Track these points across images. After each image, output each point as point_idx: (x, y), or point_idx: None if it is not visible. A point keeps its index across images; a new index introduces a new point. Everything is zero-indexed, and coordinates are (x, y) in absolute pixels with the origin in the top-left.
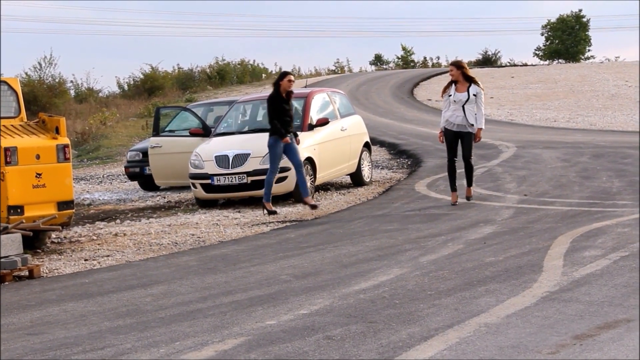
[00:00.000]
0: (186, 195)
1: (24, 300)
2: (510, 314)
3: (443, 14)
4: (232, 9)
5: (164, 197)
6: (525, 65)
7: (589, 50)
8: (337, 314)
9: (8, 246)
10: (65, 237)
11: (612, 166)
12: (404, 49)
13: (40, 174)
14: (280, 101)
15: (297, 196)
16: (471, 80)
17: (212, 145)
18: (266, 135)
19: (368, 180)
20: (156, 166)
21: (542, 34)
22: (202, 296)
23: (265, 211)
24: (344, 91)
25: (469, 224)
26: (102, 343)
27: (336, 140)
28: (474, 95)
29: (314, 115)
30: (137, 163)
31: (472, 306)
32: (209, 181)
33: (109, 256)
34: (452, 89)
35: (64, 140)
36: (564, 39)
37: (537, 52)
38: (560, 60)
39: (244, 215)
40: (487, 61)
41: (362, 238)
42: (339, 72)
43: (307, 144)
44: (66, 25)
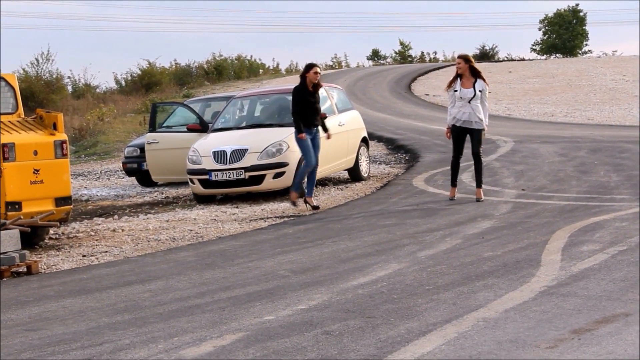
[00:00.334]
0: (184, 191)
1: (22, 296)
2: (508, 308)
3: (441, 8)
4: (229, 4)
5: (162, 193)
6: (523, 60)
7: (586, 44)
8: (335, 309)
9: (6, 242)
10: (63, 233)
11: (609, 160)
12: (402, 44)
13: (37, 170)
14: (306, 94)
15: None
16: (477, 75)
17: (210, 141)
18: (264, 131)
19: (366, 175)
20: (153, 162)
21: (539, 29)
22: (200, 292)
23: (308, 205)
24: (342, 86)
25: (467, 219)
26: (100, 339)
27: (334, 136)
28: (480, 91)
29: None
30: (135, 159)
31: (471, 301)
32: (206, 177)
33: (107, 252)
34: (458, 83)
35: (62, 136)
36: (562, 34)
37: (534, 46)
38: (557, 55)
39: (242, 211)
40: (485, 56)
41: (360, 233)
42: (337, 67)
43: None
44: (63, 21)
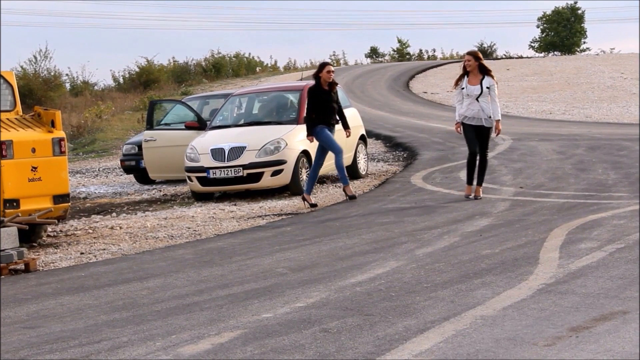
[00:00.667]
0: (182, 189)
1: (20, 294)
2: (506, 306)
3: (439, 6)
4: (228, 1)
5: (160, 191)
6: (521, 57)
7: (584, 42)
8: (333, 307)
9: (4, 240)
10: (61, 231)
11: (607, 158)
12: (400, 41)
13: (36, 168)
14: (321, 93)
15: (293, 189)
16: (485, 72)
17: (208, 139)
18: (262, 128)
19: (364, 173)
20: (150, 160)
21: (537, 26)
22: (198, 289)
23: (347, 197)
24: (340, 84)
25: (465, 217)
26: (98, 336)
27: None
28: (487, 88)
29: None
30: (133, 156)
31: (468, 298)
32: (204, 174)
33: (105, 249)
34: (465, 81)
35: (60, 133)
36: (560, 31)
37: (532, 44)
38: (555, 53)
39: (239, 208)
40: (483, 53)
41: (358, 231)
42: (335, 65)
43: (302, 136)
44: (62, 19)
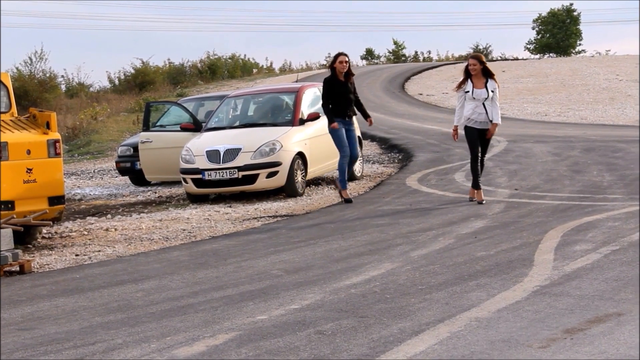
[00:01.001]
0: (177, 190)
1: (14, 296)
2: (501, 308)
3: (434, 8)
4: (223, 3)
5: (155, 192)
6: (517, 59)
7: (579, 44)
8: (328, 309)
9: None
10: (56, 232)
11: (602, 160)
12: (395, 43)
13: (31, 169)
14: (336, 84)
15: (288, 191)
16: (488, 76)
17: (203, 140)
18: (257, 130)
19: (359, 174)
20: (146, 161)
21: (533, 28)
22: (193, 291)
23: (342, 199)
24: None
25: (460, 219)
26: (93, 338)
27: (327, 135)
28: (492, 91)
29: (305, 110)
30: (128, 158)
31: (463, 300)
32: (200, 176)
33: (99, 251)
34: (469, 84)
35: (55, 135)
36: (555, 33)
37: (528, 46)
38: (551, 54)
39: (235, 210)
40: None
41: (353, 233)
42: None
43: (297, 138)
44: (57, 20)
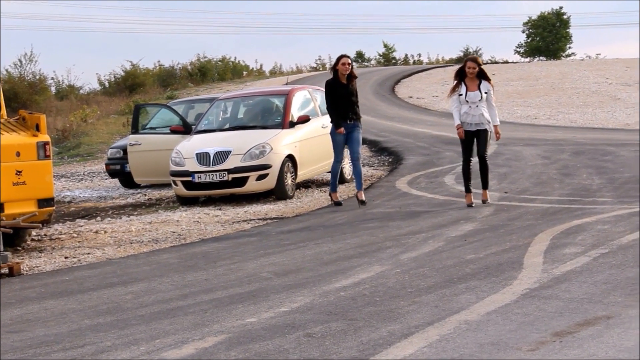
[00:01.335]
0: (167, 193)
1: (3, 298)
2: (490, 311)
3: (424, 11)
4: (213, 5)
5: (145, 195)
6: (507, 62)
7: (569, 47)
8: (317, 312)
9: None
10: (45, 235)
11: (592, 163)
12: (386, 46)
13: (20, 172)
14: (339, 87)
15: (278, 193)
16: (482, 77)
17: (193, 143)
18: (247, 133)
19: (349, 177)
20: (135, 164)
21: (523, 31)
22: (182, 294)
23: (332, 202)
24: None
25: (450, 222)
26: (82, 341)
27: (317, 138)
28: (485, 93)
29: (295, 113)
30: (118, 160)
31: (453, 303)
32: (189, 178)
33: (89, 254)
34: (463, 87)
35: (45, 137)
36: (545, 36)
37: (518, 49)
38: (541, 58)
39: (224, 213)
40: None
41: (343, 235)
42: (321, 69)
43: (287, 141)
44: (47, 22)
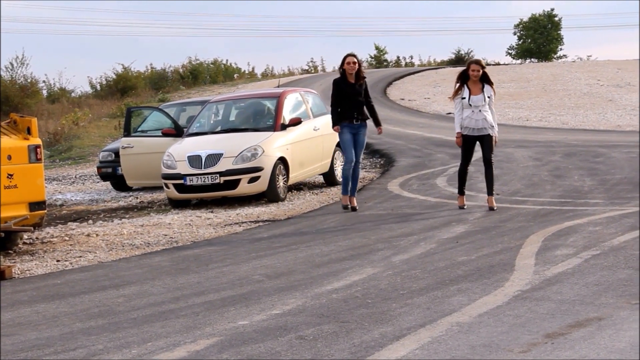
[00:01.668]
0: (159, 196)
1: None
2: (482, 313)
3: (416, 13)
4: (205, 8)
5: (137, 198)
6: (498, 64)
7: (561, 49)
8: (309, 314)
9: None
10: (37, 238)
11: (583, 165)
12: (377, 48)
13: (11, 175)
14: (344, 86)
15: (270, 196)
16: (485, 81)
17: (185, 146)
18: (239, 135)
19: (340, 179)
20: (127, 167)
21: (514, 33)
22: (174, 297)
23: (348, 207)
24: (317, 91)
25: (442, 224)
26: (73, 344)
27: (309, 140)
28: (489, 97)
29: (286, 115)
30: (110, 163)
31: (445, 305)
32: (181, 181)
33: (81, 257)
34: (465, 91)
35: (36, 140)
36: (536, 38)
37: (509, 51)
38: (532, 60)
39: (216, 216)
40: (460, 60)
41: (335, 238)
42: (313, 71)
43: (279, 143)
44: (38, 25)
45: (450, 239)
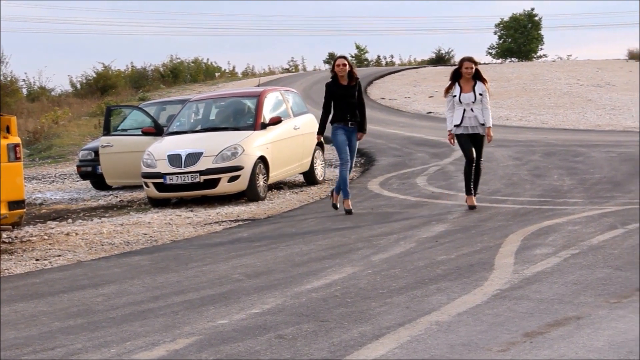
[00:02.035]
0: (138, 195)
1: None
2: (461, 312)
3: (397, 12)
4: (186, 7)
5: (117, 197)
6: (479, 63)
7: (541, 48)
8: (289, 313)
9: None
10: (16, 237)
11: (563, 164)
12: (358, 47)
13: None
14: (336, 88)
15: (249, 195)
16: (477, 78)
17: (165, 144)
18: (219, 134)
19: (321, 179)
20: (107, 165)
21: (495, 33)
22: (153, 296)
23: (345, 209)
24: (298, 90)
25: (421, 223)
26: (52, 343)
27: (289, 139)
28: (480, 94)
29: (266, 114)
30: (89, 162)
31: (424, 304)
32: (161, 180)
33: (60, 256)
34: (457, 88)
35: (15, 139)
36: (517, 38)
37: (490, 50)
38: (512, 59)
39: (196, 215)
40: (441, 60)
41: (315, 237)
42: (293, 70)
43: (259, 142)
44: (18, 24)
45: (430, 238)
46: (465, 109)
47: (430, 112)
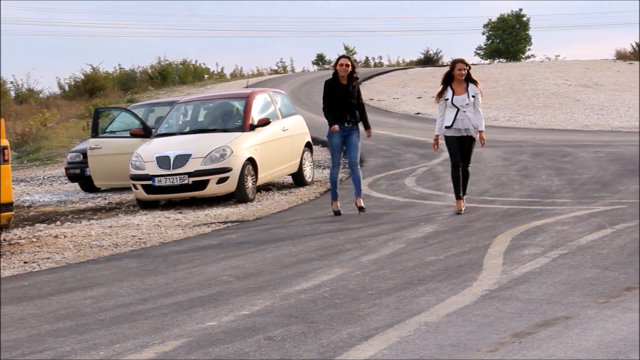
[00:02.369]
0: (127, 197)
1: None
2: (450, 312)
3: (385, 13)
4: (174, 8)
5: (105, 199)
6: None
7: (529, 49)
8: (278, 315)
9: None
10: (4, 240)
11: (551, 165)
12: (346, 48)
13: None
14: (336, 87)
15: (238, 197)
16: (469, 80)
17: (153, 146)
18: (208, 136)
19: (310, 180)
20: (95, 168)
21: (483, 33)
22: (142, 298)
23: (334, 210)
24: (286, 91)
25: (410, 224)
26: (41, 346)
27: (278, 141)
28: (473, 96)
29: (255, 116)
30: (78, 164)
31: (413, 305)
32: (150, 182)
33: (48, 258)
34: (449, 91)
35: (3, 142)
36: (505, 38)
37: (478, 51)
38: (501, 60)
39: (185, 216)
40: (429, 60)
41: (304, 238)
42: (282, 72)
43: (248, 144)
44: (6, 26)
45: (419, 239)
46: (458, 110)
47: (418, 113)
